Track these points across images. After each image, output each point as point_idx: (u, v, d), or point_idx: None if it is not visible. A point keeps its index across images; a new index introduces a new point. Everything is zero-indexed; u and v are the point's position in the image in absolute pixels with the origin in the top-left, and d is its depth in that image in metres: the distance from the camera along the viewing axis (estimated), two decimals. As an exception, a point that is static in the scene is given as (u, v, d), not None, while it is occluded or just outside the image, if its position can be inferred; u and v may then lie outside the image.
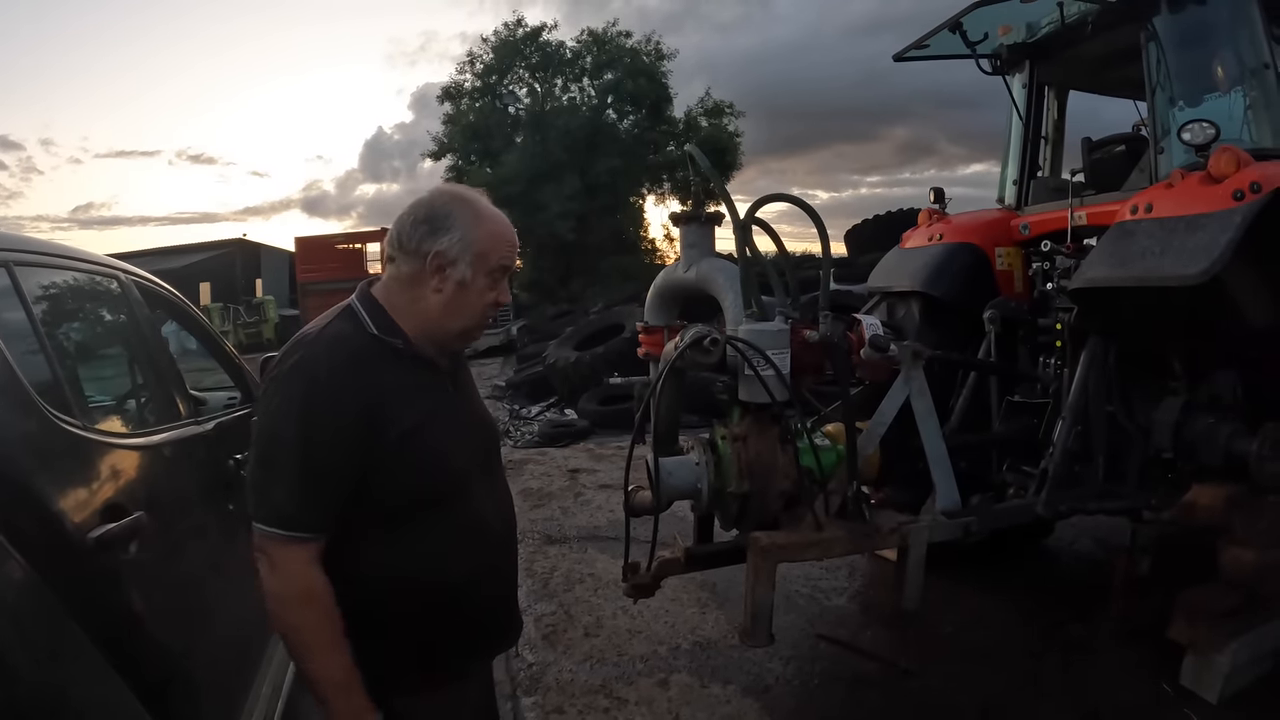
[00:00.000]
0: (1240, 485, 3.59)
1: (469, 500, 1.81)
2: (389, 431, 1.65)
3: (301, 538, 1.60)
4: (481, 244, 1.74)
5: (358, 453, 1.62)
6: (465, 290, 1.75)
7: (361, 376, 1.65)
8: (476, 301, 1.78)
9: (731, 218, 2.91)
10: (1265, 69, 3.99)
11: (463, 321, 1.79)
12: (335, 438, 1.61)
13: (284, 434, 1.62)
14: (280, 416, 1.64)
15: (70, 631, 1.55)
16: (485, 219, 1.77)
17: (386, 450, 1.65)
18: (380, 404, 1.65)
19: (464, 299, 1.76)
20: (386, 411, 1.65)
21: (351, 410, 1.62)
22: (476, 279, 1.75)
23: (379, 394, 1.65)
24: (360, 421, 1.62)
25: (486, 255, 1.75)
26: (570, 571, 5.27)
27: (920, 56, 4.87)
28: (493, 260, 1.77)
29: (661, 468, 2.77)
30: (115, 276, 2.69)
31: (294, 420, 1.61)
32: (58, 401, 1.90)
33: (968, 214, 5.10)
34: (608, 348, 11.48)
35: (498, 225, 1.80)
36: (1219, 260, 3.05)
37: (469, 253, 1.73)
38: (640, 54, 30.04)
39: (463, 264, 1.73)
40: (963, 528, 3.33)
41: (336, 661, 1.63)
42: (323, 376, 1.63)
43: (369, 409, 1.63)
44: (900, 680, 3.83)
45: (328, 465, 1.61)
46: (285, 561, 1.60)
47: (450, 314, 1.76)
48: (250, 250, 40.57)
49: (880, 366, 3.14)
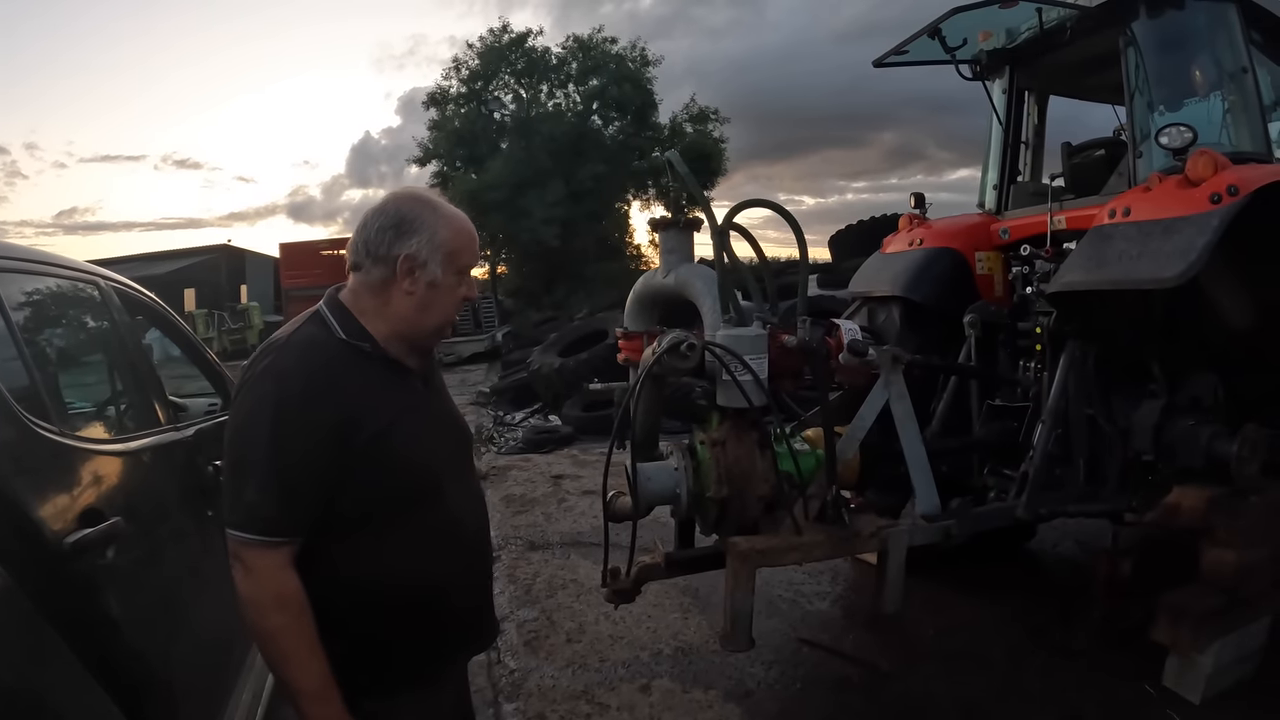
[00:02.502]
0: (1221, 487, 3.61)
1: (441, 501, 1.82)
2: (360, 433, 1.65)
3: (275, 542, 1.59)
4: (450, 244, 1.78)
5: (330, 455, 1.62)
6: (437, 289, 1.78)
7: (331, 379, 1.66)
8: (448, 299, 1.82)
9: (710, 224, 2.91)
10: (1243, 73, 4.03)
11: (437, 319, 1.83)
12: (307, 441, 1.60)
13: (255, 438, 1.62)
14: (251, 421, 1.64)
15: (47, 637, 1.55)
16: (449, 219, 1.81)
17: (357, 452, 1.65)
18: (350, 406, 1.65)
19: (436, 298, 1.79)
20: (356, 414, 1.65)
21: (322, 413, 1.62)
22: (447, 277, 1.79)
23: (349, 397, 1.66)
24: (331, 424, 1.62)
25: (456, 254, 1.80)
26: (553, 577, 5.26)
27: (900, 62, 4.87)
28: (462, 259, 1.82)
29: (640, 473, 2.76)
30: (95, 283, 2.69)
31: (265, 424, 1.61)
32: (36, 408, 1.91)
33: (948, 219, 5.11)
34: (592, 354, 11.44)
35: (462, 223, 1.84)
36: (1196, 263, 3.07)
37: (439, 253, 1.76)
38: (626, 60, 30.14)
39: (433, 264, 1.76)
40: (943, 531, 3.32)
41: (313, 669, 1.62)
42: (293, 380, 1.63)
43: (339, 411, 1.63)
44: (882, 683, 3.83)
45: (300, 468, 1.60)
46: (259, 567, 1.59)
47: (424, 313, 1.80)
48: (235, 256, 40.40)
49: (859, 371, 3.14)
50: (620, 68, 29.78)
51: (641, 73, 30.08)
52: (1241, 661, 3.64)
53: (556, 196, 27.36)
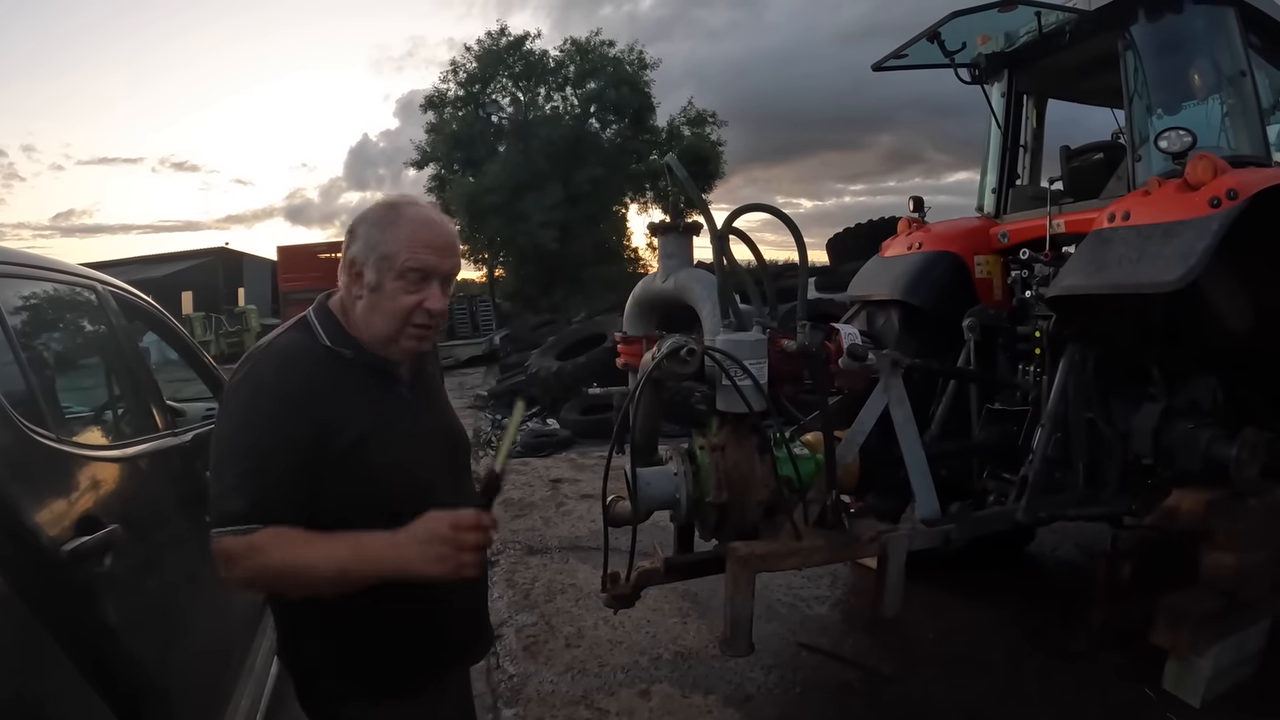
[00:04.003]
0: (1220, 490, 3.61)
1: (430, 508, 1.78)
2: (336, 440, 1.63)
3: (248, 529, 1.55)
4: (385, 245, 1.69)
5: (306, 460, 1.61)
6: (377, 294, 1.71)
7: (309, 385, 1.65)
8: (390, 305, 1.71)
9: (709, 228, 2.90)
10: (1242, 76, 4.03)
11: (383, 326, 1.73)
12: (284, 444, 1.59)
13: (233, 442, 1.62)
14: (229, 425, 1.65)
15: (44, 645, 1.54)
16: (399, 222, 1.72)
17: (334, 459, 1.63)
18: (328, 412, 1.64)
19: (376, 303, 1.72)
20: (334, 422, 1.64)
21: (298, 418, 1.61)
22: (384, 282, 1.70)
23: (326, 403, 1.65)
24: (307, 430, 1.61)
25: (391, 256, 1.68)
26: (551, 582, 5.26)
27: (899, 66, 4.87)
28: (399, 261, 1.69)
29: (640, 478, 2.76)
30: (92, 287, 2.68)
31: (241, 428, 1.62)
32: (32, 414, 1.90)
33: (947, 222, 5.11)
34: (590, 357, 11.43)
35: (411, 226, 1.72)
36: (1195, 267, 3.06)
37: (373, 254, 1.69)
38: (623, 63, 30.17)
39: (370, 268, 1.70)
40: (943, 535, 3.31)
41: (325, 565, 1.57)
42: (269, 385, 1.63)
43: (316, 417, 1.62)
44: (882, 687, 3.82)
45: (267, 464, 1.59)
46: (238, 554, 1.56)
47: (370, 319, 1.74)
48: (233, 259, 40.34)
49: (859, 375, 3.14)
50: (618, 71, 29.82)
51: (639, 76, 30.15)
52: (1241, 664, 3.64)
53: (554, 200, 27.40)
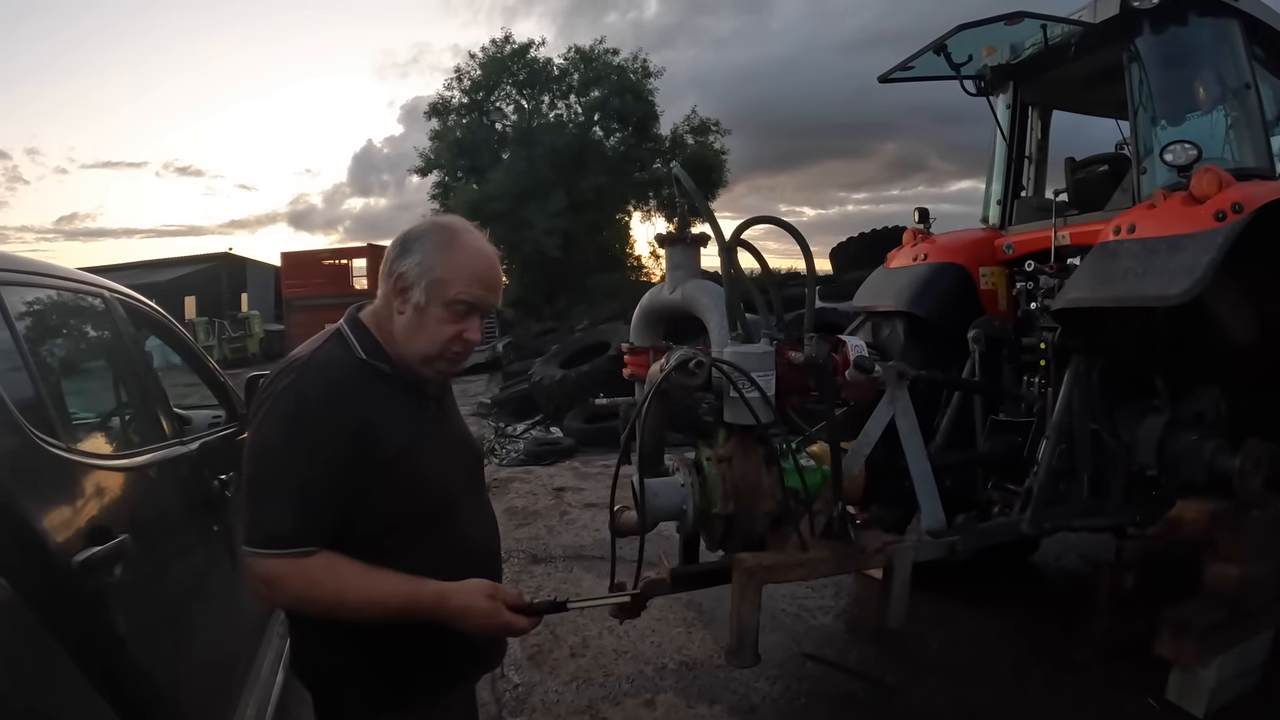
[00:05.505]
0: (1224, 501, 3.61)
1: (455, 521, 1.81)
2: (377, 454, 1.64)
3: (298, 553, 1.57)
4: (440, 271, 1.71)
5: (348, 474, 1.62)
6: (421, 315, 1.72)
7: (351, 400, 1.65)
8: (434, 330, 1.73)
9: (716, 240, 2.91)
10: (1246, 89, 4.05)
11: (420, 347, 1.75)
12: (327, 459, 1.60)
13: (276, 456, 1.62)
14: (272, 439, 1.64)
15: (55, 656, 1.54)
16: (457, 249, 1.74)
17: (375, 472, 1.65)
18: (369, 427, 1.65)
19: (420, 324, 1.73)
20: (375, 435, 1.65)
21: (342, 432, 1.61)
22: (431, 306, 1.71)
23: (368, 418, 1.65)
24: (350, 444, 1.62)
25: (444, 283, 1.71)
26: (556, 591, 5.22)
27: (905, 78, 4.88)
28: (451, 291, 1.72)
29: (647, 489, 2.75)
30: (99, 294, 2.68)
31: (286, 442, 1.61)
32: (41, 422, 1.88)
33: (952, 234, 5.13)
34: (593, 365, 11.43)
35: (468, 257, 1.75)
36: (1200, 280, 3.07)
37: (426, 277, 1.70)
38: (627, 71, 30.24)
39: (418, 288, 1.71)
40: (948, 546, 3.32)
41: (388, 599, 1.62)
42: (313, 399, 1.63)
43: (358, 432, 1.63)
44: (887, 697, 3.83)
45: (320, 486, 1.60)
46: (283, 578, 1.58)
47: (408, 338, 1.75)
48: (236, 264, 40.47)
49: (865, 387, 3.14)
50: (622, 79, 29.89)
51: (643, 84, 30.22)
52: (1244, 675, 3.64)
53: (558, 207, 27.44)
